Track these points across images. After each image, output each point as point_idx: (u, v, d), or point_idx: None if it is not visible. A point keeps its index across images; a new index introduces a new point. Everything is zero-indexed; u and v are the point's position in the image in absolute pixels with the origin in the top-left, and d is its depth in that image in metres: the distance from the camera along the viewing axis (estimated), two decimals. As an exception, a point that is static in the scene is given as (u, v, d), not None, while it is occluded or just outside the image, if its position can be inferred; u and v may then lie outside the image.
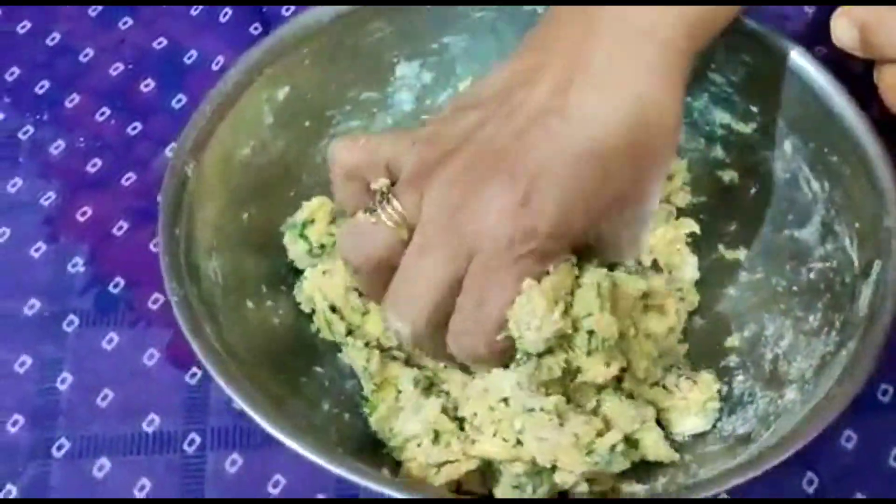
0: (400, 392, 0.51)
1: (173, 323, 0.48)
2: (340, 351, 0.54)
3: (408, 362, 0.52)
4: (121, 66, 0.66)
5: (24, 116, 0.64)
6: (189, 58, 0.66)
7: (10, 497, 0.52)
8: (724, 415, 0.52)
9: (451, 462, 0.48)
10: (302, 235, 0.54)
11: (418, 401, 0.50)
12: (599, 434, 0.47)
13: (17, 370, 0.56)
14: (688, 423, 0.52)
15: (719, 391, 0.52)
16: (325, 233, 0.54)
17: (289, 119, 0.56)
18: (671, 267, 0.56)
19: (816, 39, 0.54)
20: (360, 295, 0.53)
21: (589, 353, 0.48)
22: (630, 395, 0.51)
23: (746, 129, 0.56)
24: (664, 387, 0.52)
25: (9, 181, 0.62)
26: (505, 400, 0.48)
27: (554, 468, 0.47)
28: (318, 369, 0.53)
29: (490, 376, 0.49)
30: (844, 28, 0.43)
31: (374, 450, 0.50)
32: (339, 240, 0.51)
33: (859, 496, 0.52)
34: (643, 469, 0.50)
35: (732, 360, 0.54)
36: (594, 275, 0.48)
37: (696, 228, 0.56)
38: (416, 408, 0.50)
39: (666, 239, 0.56)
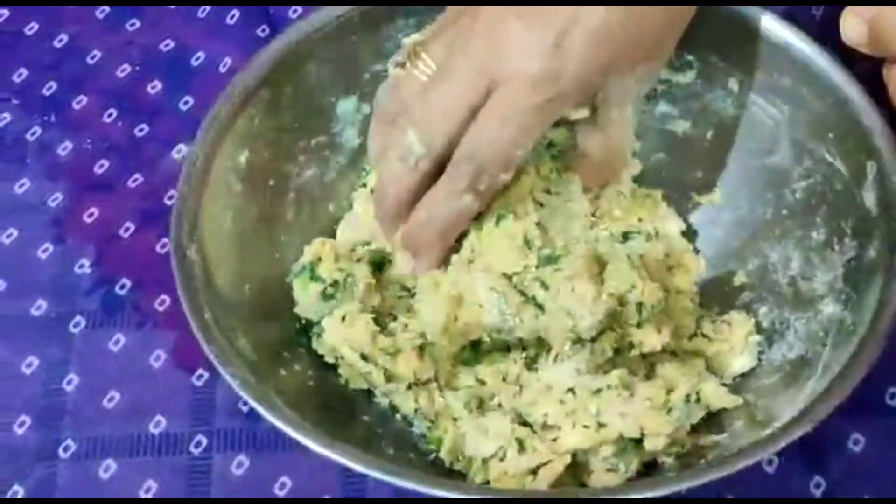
0: (456, 419, 0.50)
1: (179, 324, 0.48)
2: (374, 395, 0.52)
3: (448, 384, 0.51)
4: (128, 68, 0.66)
5: (31, 118, 0.65)
6: (196, 59, 0.66)
7: (18, 497, 0.52)
8: (766, 347, 0.52)
9: (543, 464, 0.48)
10: (313, 277, 0.52)
11: (479, 421, 0.50)
12: (669, 391, 0.48)
13: (24, 371, 0.56)
14: (736, 364, 0.52)
15: (757, 325, 0.53)
16: (334, 269, 0.52)
17: (255, 182, 0.55)
18: (657, 228, 0.56)
19: (823, 39, 0.53)
20: (384, 334, 0.50)
21: (639, 325, 0.48)
22: (674, 353, 0.52)
23: (686, 78, 0.56)
24: (703, 335, 0.53)
25: (16, 182, 0.62)
26: (571, 390, 0.48)
27: (640, 439, 0.47)
28: (365, 418, 0.51)
29: (547, 374, 0.49)
30: (853, 25, 0.44)
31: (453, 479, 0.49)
32: (378, 97, 0.51)
33: (868, 499, 0.52)
34: (714, 421, 0.50)
35: (746, 296, 0.54)
36: (619, 250, 0.49)
37: (639, 168, 0.57)
38: (482, 428, 0.49)
39: (639, 209, 0.56)
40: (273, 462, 0.53)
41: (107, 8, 0.69)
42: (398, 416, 0.52)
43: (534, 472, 0.48)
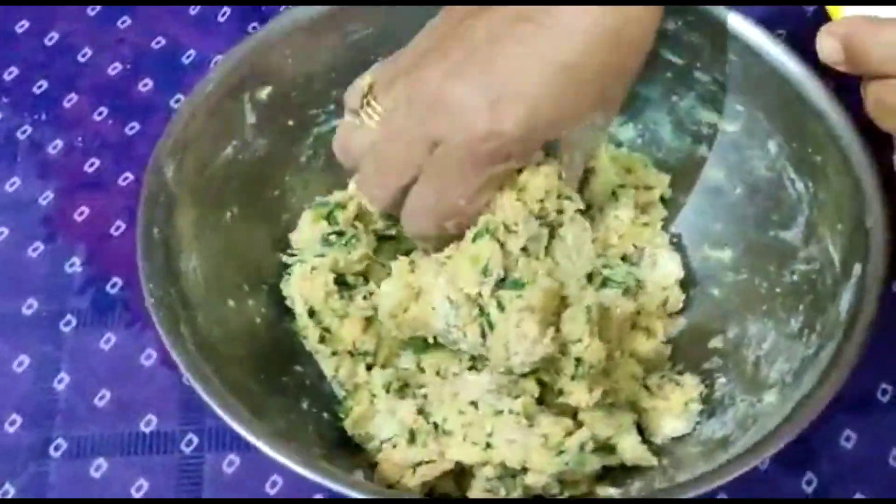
0: (374, 396, 0.51)
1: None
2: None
3: (384, 366, 0.52)
4: (119, 66, 0.66)
5: (22, 116, 0.64)
6: (187, 57, 0.66)
7: (8, 497, 0.52)
8: (704, 418, 0.51)
9: (426, 463, 0.48)
10: (329, 216, 0.53)
11: (393, 403, 0.50)
12: (569, 433, 0.47)
13: (15, 370, 0.56)
14: (668, 426, 0.51)
15: (701, 394, 0.52)
16: (350, 222, 0.53)
17: (271, 119, 0.55)
18: (654, 259, 0.56)
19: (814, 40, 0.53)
20: (341, 297, 0.52)
21: (573, 378, 0.48)
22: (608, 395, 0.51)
23: (732, 128, 0.55)
24: (646, 387, 0.52)
25: (7, 181, 0.62)
26: (474, 403, 0.48)
27: (525, 470, 0.47)
28: (299, 368, 0.53)
29: (461, 381, 0.49)
30: (830, 46, 0.43)
31: (350, 451, 0.50)
32: (334, 143, 0.52)
33: (859, 496, 0.52)
34: (621, 473, 0.50)
35: (715, 361, 0.53)
36: (584, 297, 0.48)
37: (664, 213, 0.57)
38: (391, 410, 0.50)
39: (645, 237, 0.56)
40: (264, 461, 0.52)
41: (98, 6, 0.69)
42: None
43: (414, 467, 0.48)
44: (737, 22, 0.53)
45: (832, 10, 0.45)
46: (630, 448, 0.49)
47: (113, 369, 0.56)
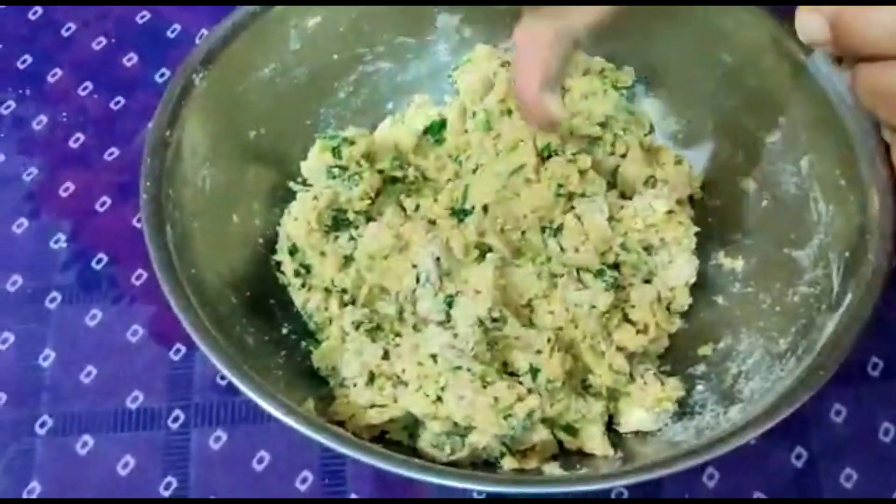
0: (347, 334, 0.51)
1: (157, 299, 0.47)
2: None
3: (363, 306, 0.52)
4: (103, 41, 0.65)
5: (6, 91, 0.64)
6: (172, 31, 0.65)
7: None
8: (672, 421, 0.51)
9: (378, 406, 0.49)
10: (335, 151, 0.53)
11: (363, 345, 0.50)
12: (520, 400, 0.48)
13: (0, 347, 0.55)
14: (635, 417, 0.51)
15: (678, 398, 0.51)
16: (356, 161, 0.53)
17: (316, 48, 0.55)
18: (673, 257, 0.55)
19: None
20: (327, 233, 0.53)
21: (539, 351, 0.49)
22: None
23: (771, 137, 0.54)
24: (630, 375, 0.52)
25: (-10, 157, 0.61)
26: (434, 357, 0.49)
27: (473, 429, 0.48)
28: (289, 296, 0.53)
29: (425, 334, 0.50)
30: (815, 23, 0.40)
31: (315, 382, 0.51)
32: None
33: (848, 470, 0.52)
34: (577, 456, 0.50)
35: (700, 368, 0.53)
36: (568, 297, 0.50)
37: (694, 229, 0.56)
38: (359, 351, 0.50)
39: (674, 233, 0.55)
40: (251, 436, 0.53)
41: (82, -20, 0.68)
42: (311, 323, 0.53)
43: (366, 409, 0.49)
44: (789, 31, 0.50)
45: None
46: (592, 437, 0.49)
47: (99, 346, 0.55)
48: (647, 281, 0.55)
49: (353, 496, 0.52)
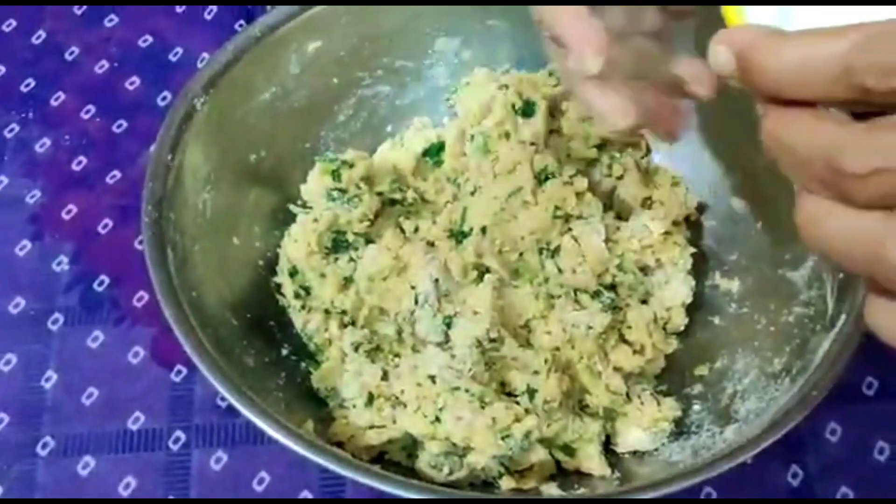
0: (346, 355, 0.52)
1: (158, 321, 0.48)
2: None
3: (362, 328, 0.52)
4: (106, 64, 0.66)
5: (9, 114, 0.64)
6: (174, 55, 0.66)
7: (-4, 495, 0.52)
8: (669, 441, 0.51)
9: (377, 427, 0.49)
10: (335, 173, 0.54)
11: (362, 366, 0.51)
12: (518, 420, 0.48)
13: (3, 368, 0.56)
14: (633, 437, 0.51)
15: (675, 417, 0.51)
16: (355, 183, 0.54)
17: (316, 72, 0.56)
18: (669, 278, 0.55)
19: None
20: (326, 255, 0.53)
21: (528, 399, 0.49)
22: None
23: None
24: (627, 394, 0.52)
25: (-6, 179, 0.62)
26: (432, 378, 0.49)
27: (470, 450, 0.48)
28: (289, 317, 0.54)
29: (424, 355, 0.50)
30: (722, 55, 0.34)
31: (314, 404, 0.51)
32: None
33: (844, 489, 0.52)
34: (575, 476, 0.50)
35: (696, 388, 0.53)
36: (565, 318, 0.51)
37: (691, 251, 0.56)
38: (358, 372, 0.51)
39: (670, 254, 0.55)
40: (251, 457, 0.53)
41: (85, 5, 0.69)
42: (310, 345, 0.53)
43: (366, 430, 0.49)
44: None
45: (728, 11, 0.36)
46: (589, 457, 0.50)
47: (101, 367, 0.56)
48: (644, 302, 0.55)
49: (353, 516, 0.52)
